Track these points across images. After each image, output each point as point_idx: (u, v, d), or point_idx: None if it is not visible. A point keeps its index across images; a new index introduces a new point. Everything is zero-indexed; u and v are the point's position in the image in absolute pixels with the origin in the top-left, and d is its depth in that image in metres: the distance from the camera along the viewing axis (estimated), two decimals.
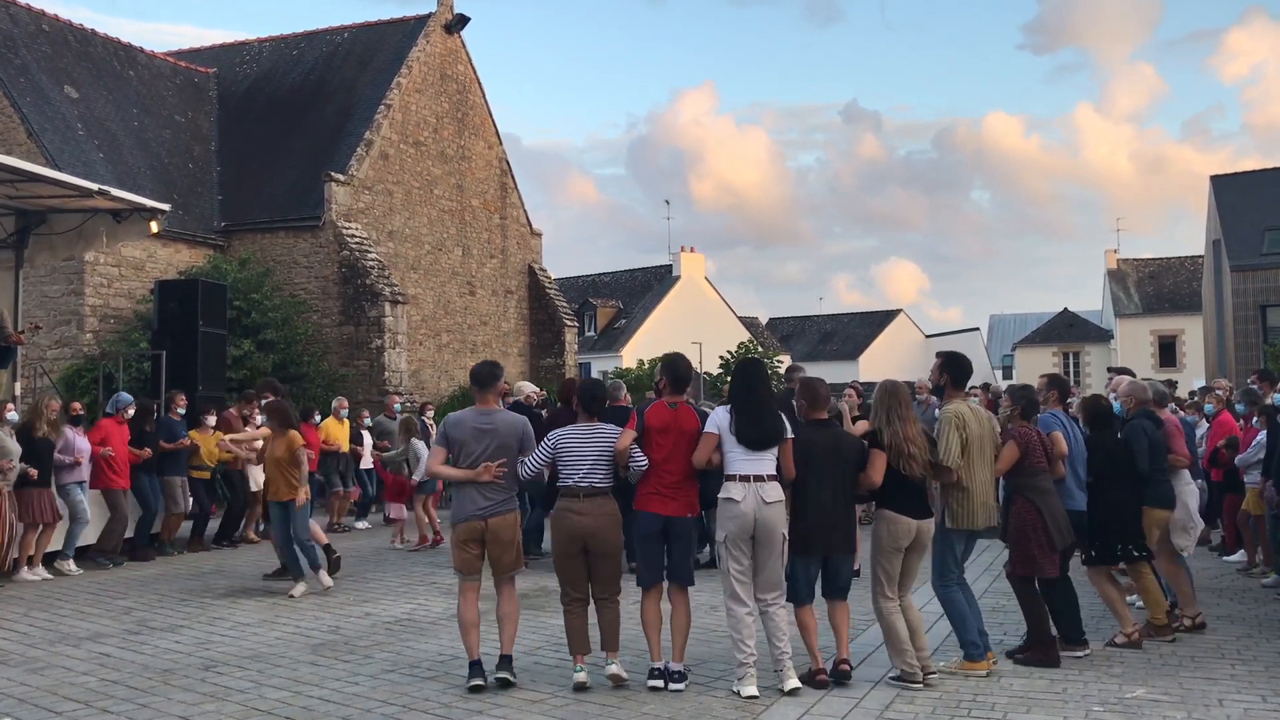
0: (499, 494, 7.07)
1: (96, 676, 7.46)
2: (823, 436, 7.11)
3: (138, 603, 10.34)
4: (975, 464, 7.27)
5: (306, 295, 24.35)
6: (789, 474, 6.92)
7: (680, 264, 58.86)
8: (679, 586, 7.07)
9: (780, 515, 6.82)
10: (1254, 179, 39.69)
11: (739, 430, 6.84)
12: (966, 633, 7.29)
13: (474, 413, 7.27)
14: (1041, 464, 7.61)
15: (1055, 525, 7.49)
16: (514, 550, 7.14)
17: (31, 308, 18.88)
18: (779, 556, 6.85)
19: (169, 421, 14.15)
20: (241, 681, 7.29)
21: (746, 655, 6.74)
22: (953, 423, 7.24)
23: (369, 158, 25.33)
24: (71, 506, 12.30)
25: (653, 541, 7.02)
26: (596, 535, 6.94)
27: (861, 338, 68.52)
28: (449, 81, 28.37)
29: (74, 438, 12.43)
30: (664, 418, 7.06)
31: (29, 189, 12.98)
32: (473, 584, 7.12)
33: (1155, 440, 8.34)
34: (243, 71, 29.35)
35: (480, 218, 29.32)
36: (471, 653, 7.02)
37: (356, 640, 8.56)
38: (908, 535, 7.06)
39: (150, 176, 24.30)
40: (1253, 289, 35.95)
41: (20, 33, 24.29)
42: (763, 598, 6.87)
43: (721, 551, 6.98)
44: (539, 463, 7.11)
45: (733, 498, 6.79)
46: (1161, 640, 8.10)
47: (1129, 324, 56.97)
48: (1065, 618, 7.81)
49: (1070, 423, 8.23)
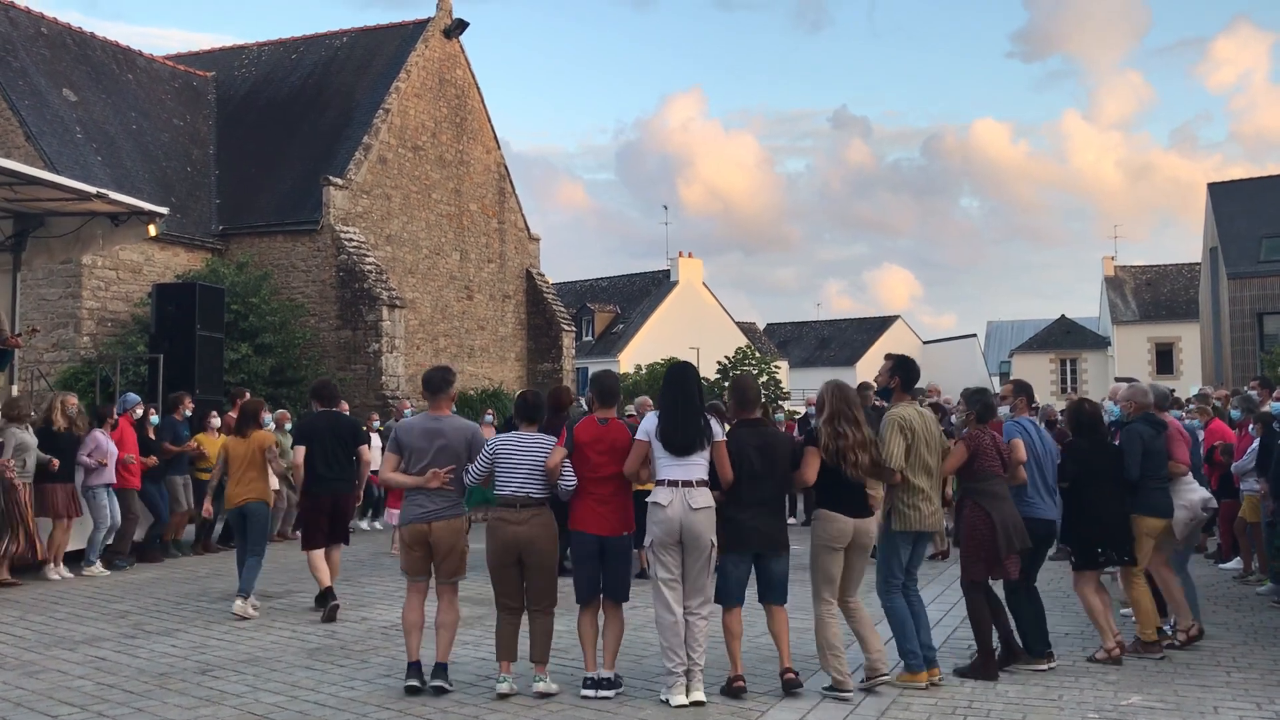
0: (445, 499, 7.11)
1: (92, 680, 7.45)
2: (753, 436, 7.04)
3: (134, 607, 10.32)
4: (923, 466, 7.20)
5: (304, 299, 24.36)
6: (724, 476, 6.85)
7: (678, 269, 58.90)
8: (613, 602, 7.04)
9: (708, 521, 6.74)
10: (1251, 187, 39.75)
11: (664, 435, 6.79)
12: (906, 641, 7.13)
13: (425, 418, 7.32)
14: (994, 468, 7.46)
15: (1005, 531, 7.29)
16: (456, 556, 7.17)
17: (29, 310, 18.89)
18: (706, 564, 6.78)
19: (173, 423, 14.18)
20: (238, 686, 7.29)
21: (676, 664, 6.70)
22: (897, 425, 7.16)
23: (367, 162, 25.35)
24: (96, 510, 12.32)
25: (588, 560, 6.98)
26: (531, 546, 6.92)
27: (859, 343, 68.58)
28: (448, 86, 28.40)
29: (103, 440, 12.44)
30: (594, 433, 7.01)
31: (27, 192, 12.98)
32: (418, 586, 7.21)
33: (1152, 447, 8.14)
34: (241, 75, 29.39)
35: (478, 222, 29.34)
36: (411, 654, 7.09)
37: (353, 645, 8.55)
38: (844, 535, 6.96)
39: (148, 180, 24.31)
40: (1249, 296, 36.00)
41: (19, 36, 24.31)
42: (687, 604, 6.81)
43: (649, 557, 6.96)
44: (480, 471, 7.09)
45: (659, 502, 6.75)
46: (1149, 657, 7.89)
47: (1126, 331, 57.03)
48: (1028, 629, 7.66)
49: (1037, 430, 8.01)
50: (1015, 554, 7.39)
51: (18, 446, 11.40)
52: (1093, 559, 8.00)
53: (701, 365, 44.20)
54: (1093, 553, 7.98)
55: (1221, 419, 12.69)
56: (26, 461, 11.48)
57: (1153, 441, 8.19)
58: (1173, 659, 7.93)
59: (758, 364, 44.79)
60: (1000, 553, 7.31)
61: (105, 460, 12.38)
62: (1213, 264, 40.61)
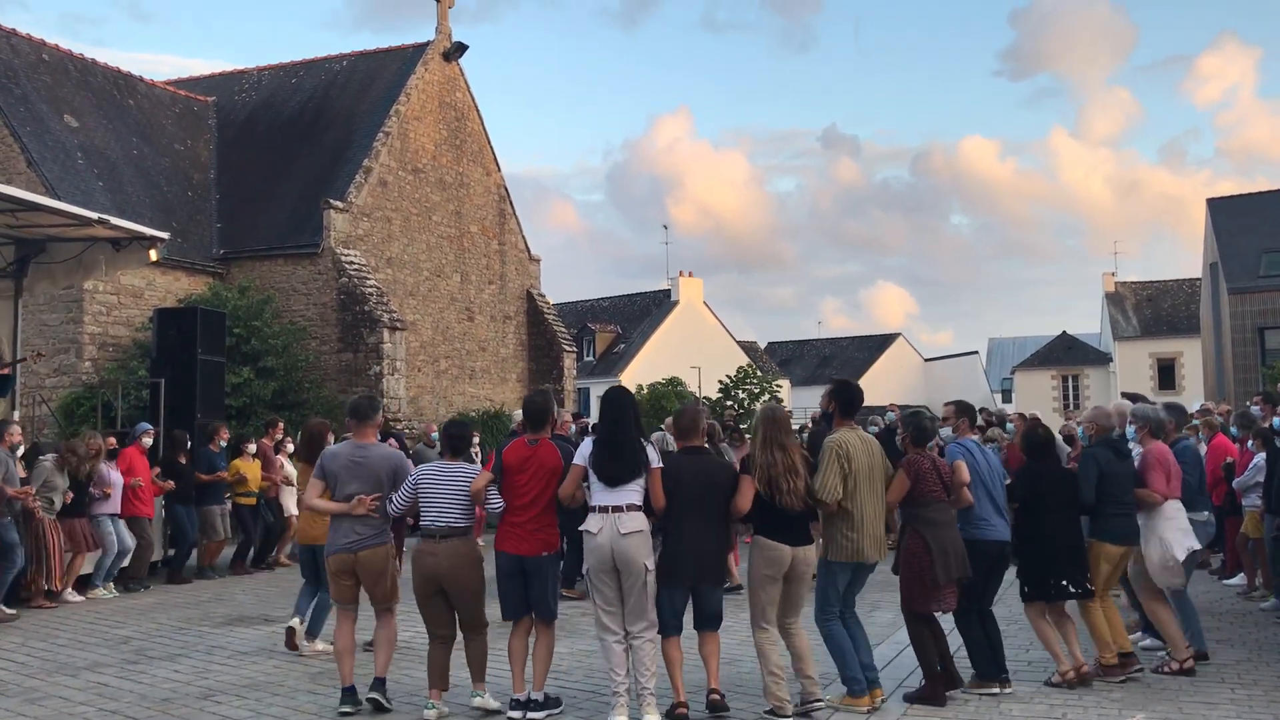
0: (370, 528, 7.14)
1: (95, 707, 7.44)
2: (693, 464, 7.00)
3: (135, 632, 10.32)
4: (863, 494, 7.03)
5: (305, 322, 24.39)
6: (657, 503, 6.81)
7: (679, 288, 58.96)
8: (542, 620, 7.06)
9: (639, 545, 6.70)
10: (1251, 202, 39.85)
11: (596, 465, 6.81)
12: (847, 668, 7.03)
13: (350, 446, 7.37)
14: (935, 493, 7.23)
15: (943, 559, 7.08)
16: (386, 582, 7.22)
17: (30, 336, 18.92)
18: (644, 587, 6.74)
19: (208, 453, 14.49)
20: (240, 710, 7.28)
21: (616, 684, 6.70)
22: (834, 452, 7.03)
23: (368, 185, 25.43)
24: (102, 537, 12.55)
25: (511, 579, 7.02)
26: (450, 577, 6.96)
27: (860, 361, 68.52)
28: (447, 109, 28.51)
29: (107, 471, 12.71)
30: (522, 455, 7.03)
31: (28, 218, 13.02)
32: (347, 613, 7.26)
33: (1110, 471, 7.78)
34: (241, 100, 29.50)
35: (479, 244, 29.40)
36: (345, 679, 7.14)
37: (354, 668, 8.52)
38: (781, 563, 6.88)
39: (149, 205, 24.38)
40: (1250, 311, 36.02)
41: (21, 62, 24.43)
42: (630, 629, 6.79)
43: (588, 584, 6.98)
44: (404, 500, 7.14)
45: (589, 530, 6.77)
46: (1111, 680, 7.64)
47: (1128, 347, 57.03)
48: (977, 653, 7.52)
49: (981, 450, 7.79)
50: (953, 584, 7.18)
51: (46, 483, 11.76)
52: (1044, 590, 7.69)
53: (703, 384, 44.19)
54: (1044, 583, 7.68)
55: (1225, 434, 12.69)
56: (54, 500, 11.87)
57: (1110, 465, 7.83)
58: (1178, 676, 7.88)
59: (759, 383, 44.75)
60: (935, 582, 7.12)
61: (109, 490, 12.64)
62: (1213, 279, 40.65)
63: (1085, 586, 7.68)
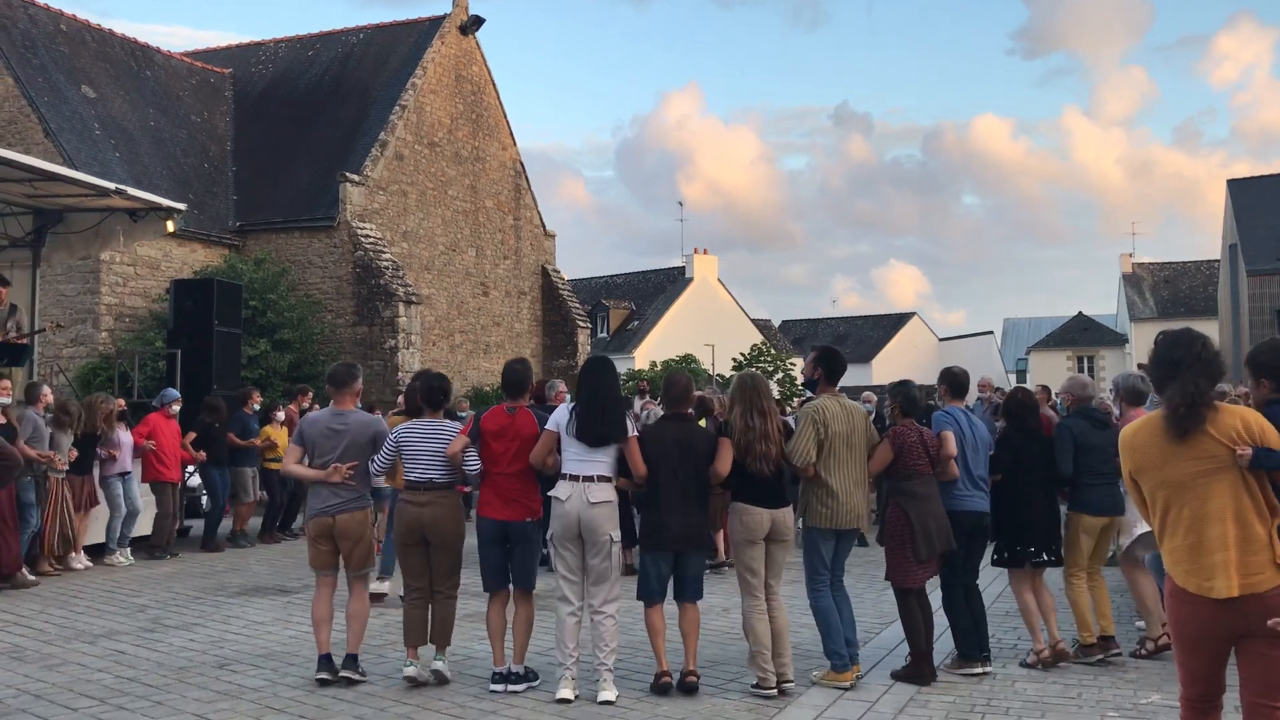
0: (349, 492, 7.17)
1: (112, 674, 7.49)
2: (674, 431, 7.03)
3: (152, 600, 10.38)
4: (840, 461, 7.01)
5: (321, 295, 24.44)
6: (637, 472, 6.83)
7: (693, 265, 58.86)
8: (522, 590, 7.07)
9: (606, 516, 6.72)
10: (1271, 183, 39.52)
11: (576, 429, 6.80)
12: (832, 642, 7.01)
13: (329, 413, 7.40)
14: (919, 466, 7.15)
15: (924, 533, 7.00)
16: (363, 547, 7.25)
17: (48, 306, 18.99)
18: (608, 559, 6.75)
19: (242, 416, 14.67)
20: (256, 680, 7.32)
21: (565, 656, 6.72)
22: (812, 418, 7.01)
23: (384, 158, 25.40)
24: (111, 500, 12.58)
25: (493, 546, 7.03)
26: (434, 525, 7.02)
27: (874, 340, 68.40)
28: (464, 83, 28.43)
29: (117, 434, 12.72)
30: (500, 422, 7.03)
31: (46, 188, 13.04)
32: (326, 581, 7.28)
33: (1086, 442, 7.66)
34: (258, 72, 29.48)
35: (494, 219, 29.37)
36: (321, 646, 7.17)
37: (369, 639, 8.55)
38: (760, 527, 6.90)
39: (166, 176, 24.42)
40: (1269, 293, 35.79)
41: (39, 32, 24.43)
42: (591, 602, 6.80)
43: (551, 549, 6.98)
44: (386, 459, 7.18)
45: (558, 496, 6.78)
46: (1088, 661, 7.55)
47: (1144, 328, 56.71)
48: (960, 631, 7.43)
49: (968, 419, 7.64)
50: (934, 558, 7.13)
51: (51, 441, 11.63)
52: (1018, 560, 7.66)
53: (717, 362, 44.15)
54: (1018, 554, 7.65)
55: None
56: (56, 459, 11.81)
57: (1086, 435, 7.70)
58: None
59: (773, 361, 44.68)
60: (916, 555, 7.06)
61: (116, 452, 12.64)
62: (1232, 261, 40.37)
63: (1058, 554, 7.68)
